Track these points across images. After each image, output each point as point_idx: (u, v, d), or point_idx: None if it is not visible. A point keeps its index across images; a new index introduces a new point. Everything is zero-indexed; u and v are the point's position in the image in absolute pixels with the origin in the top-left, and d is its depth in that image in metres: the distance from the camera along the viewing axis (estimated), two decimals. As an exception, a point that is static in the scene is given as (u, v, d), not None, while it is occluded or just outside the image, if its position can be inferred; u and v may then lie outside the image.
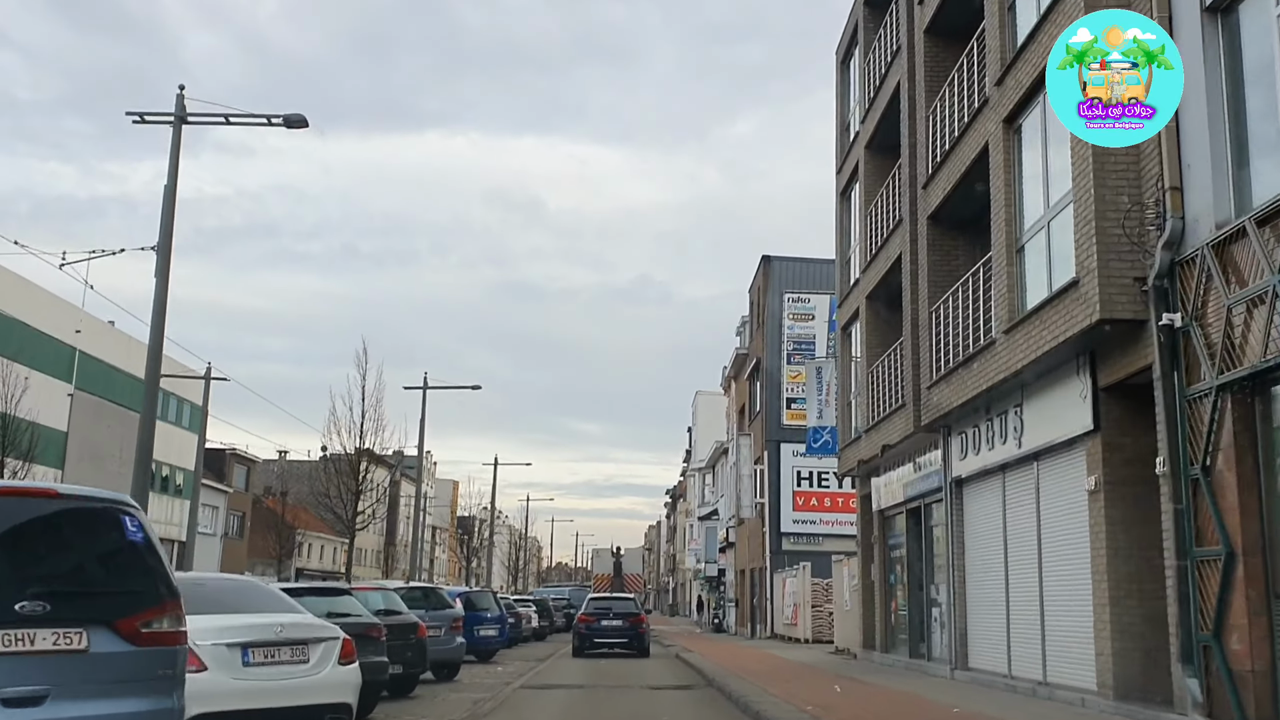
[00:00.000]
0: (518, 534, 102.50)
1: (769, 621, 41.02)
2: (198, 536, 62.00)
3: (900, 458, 22.13)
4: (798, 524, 41.66)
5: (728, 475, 55.40)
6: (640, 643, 28.76)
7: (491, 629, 26.39)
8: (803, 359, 42.42)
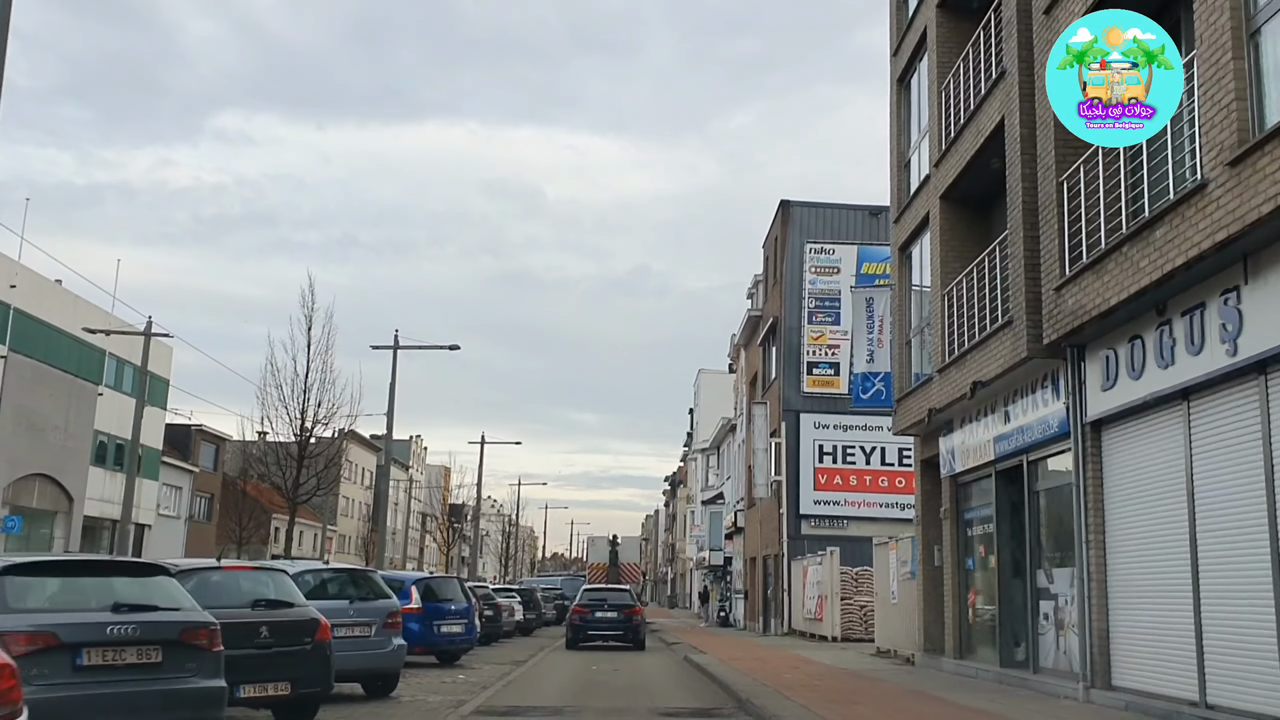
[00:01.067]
0: (510, 522, 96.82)
1: (785, 615, 35.44)
2: (159, 519, 56.65)
3: (985, 405, 16.54)
4: (819, 505, 36.05)
5: (735, 454, 49.84)
6: (635, 635, 27.59)
7: (456, 624, 20.77)
8: (826, 318, 36.83)
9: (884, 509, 35.92)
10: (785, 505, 35.73)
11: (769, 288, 40.38)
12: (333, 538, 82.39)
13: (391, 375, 35.56)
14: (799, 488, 36.00)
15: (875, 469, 36.20)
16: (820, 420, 36.37)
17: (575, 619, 27.78)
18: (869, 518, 35.79)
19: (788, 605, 35.29)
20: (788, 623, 35.20)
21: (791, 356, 36.60)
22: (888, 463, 36.20)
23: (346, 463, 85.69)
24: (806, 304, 36.84)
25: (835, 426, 36.32)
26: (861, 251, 37.12)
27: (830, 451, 36.28)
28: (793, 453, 36.09)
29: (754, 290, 45.15)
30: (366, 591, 14.97)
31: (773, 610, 37.25)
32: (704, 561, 55.89)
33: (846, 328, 36.58)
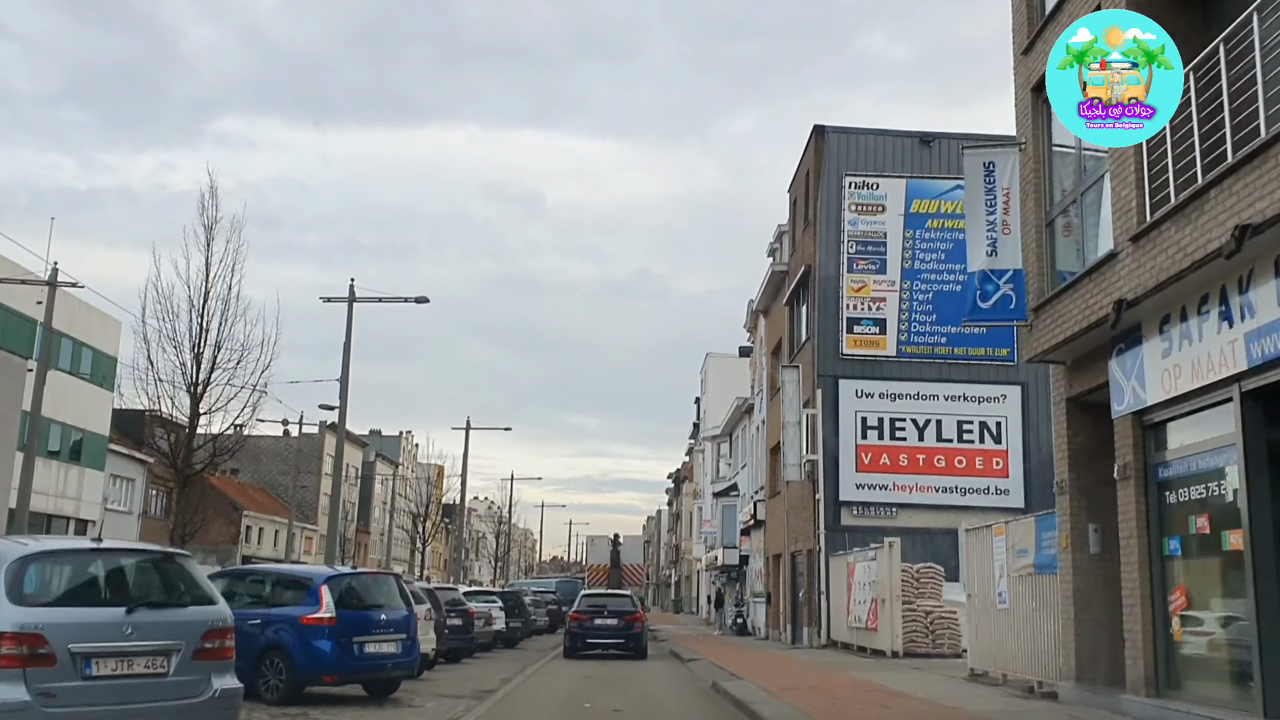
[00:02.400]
0: (502, 519, 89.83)
1: (822, 623, 28.77)
2: (106, 514, 50.01)
3: (1224, 284, 9.93)
4: (862, 490, 29.40)
5: (752, 439, 43.18)
6: (637, 643, 25.70)
7: (388, 640, 14.05)
8: (869, 265, 30.20)
9: (941, 494, 29.31)
10: (822, 490, 29.07)
11: (798, 235, 33.73)
12: (312, 538, 75.65)
13: (346, 334, 28.96)
14: (838, 469, 29.36)
15: (930, 446, 29.57)
16: (863, 388, 29.74)
17: (574, 626, 25.87)
18: (923, 505, 29.19)
19: (825, 611, 28.63)
20: (825, 632, 28.53)
21: (828, 311, 29.98)
22: (944, 438, 29.58)
23: (328, 457, 79.12)
24: (845, 248, 30.21)
25: (881, 395, 29.70)
26: (911, 186, 30.54)
27: (875, 425, 29.64)
28: (830, 427, 29.46)
29: (777, 245, 38.52)
30: (172, 593, 8.27)
31: (805, 617, 30.57)
32: (715, 561, 49.18)
33: (893, 277, 30.10)
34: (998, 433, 29.64)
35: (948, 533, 28.34)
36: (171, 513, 56.20)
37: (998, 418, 29.70)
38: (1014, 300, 13.71)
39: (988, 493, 29.37)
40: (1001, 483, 29.42)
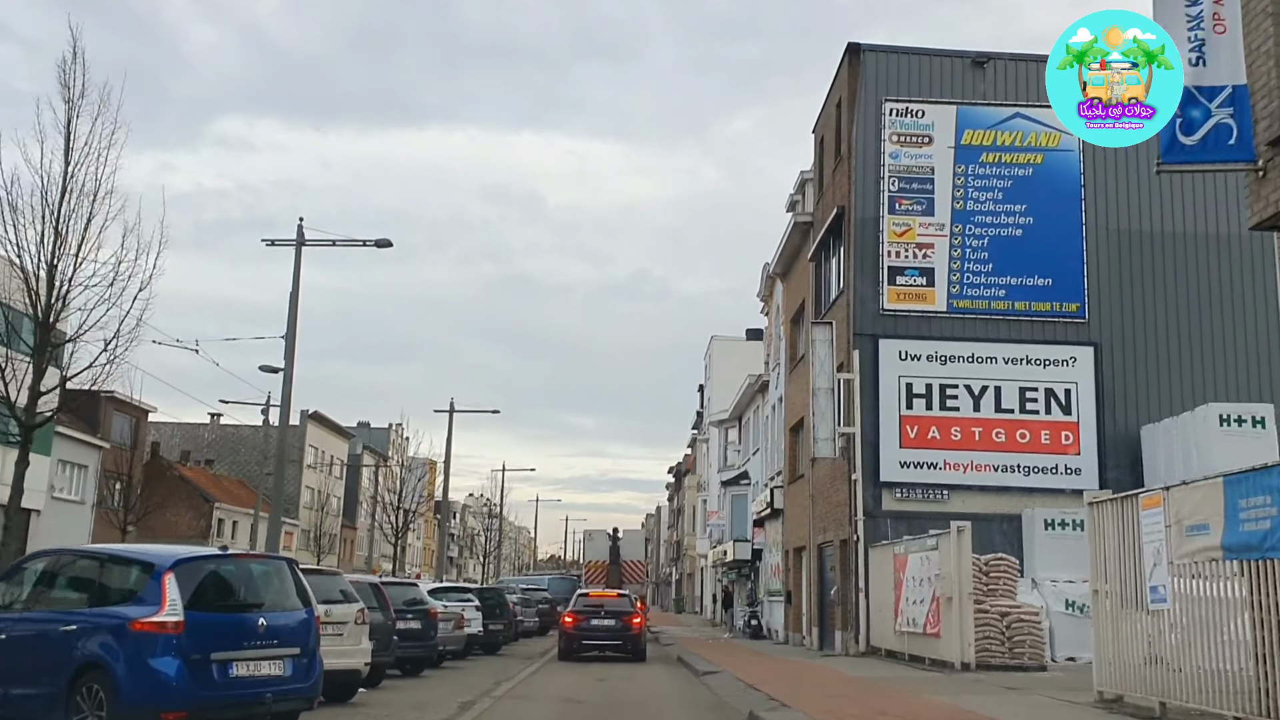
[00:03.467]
0: (493, 511, 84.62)
1: (860, 627, 23.91)
2: (52, 503, 45.07)
3: None
4: (907, 469, 24.52)
5: (766, 421, 38.35)
6: (635, 645, 24.21)
7: (270, 659, 9.15)
8: (914, 205, 25.36)
9: (1000, 474, 24.46)
10: (859, 469, 24.19)
11: (826, 178, 28.81)
12: (293, 533, 70.66)
13: (294, 283, 24.10)
14: (878, 445, 24.49)
15: (987, 417, 24.70)
16: (908, 349, 24.87)
17: (569, 628, 24.21)
18: (979, 486, 24.35)
19: (864, 612, 23.76)
20: (864, 637, 23.67)
21: (865, 260, 25.12)
22: (1004, 408, 24.71)
23: (310, 448, 74.12)
24: (885, 186, 25.35)
25: (929, 357, 24.84)
26: (962, 114, 25.69)
27: (922, 393, 24.77)
28: (869, 395, 24.59)
29: (798, 197, 33.64)
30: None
31: (838, 619, 25.68)
32: (723, 557, 44.26)
33: (942, 219, 25.27)
34: (1067, 401, 24.77)
35: (1008, 519, 23.64)
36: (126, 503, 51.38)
37: (1067, 384, 24.84)
38: (1234, 132, 8.88)
39: (1055, 472, 24.52)
40: (1071, 460, 24.56)
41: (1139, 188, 25.47)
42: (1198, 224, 25.54)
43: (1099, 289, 25.13)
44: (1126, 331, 25.11)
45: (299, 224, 24.04)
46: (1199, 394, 24.43)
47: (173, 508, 60.43)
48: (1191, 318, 25.17)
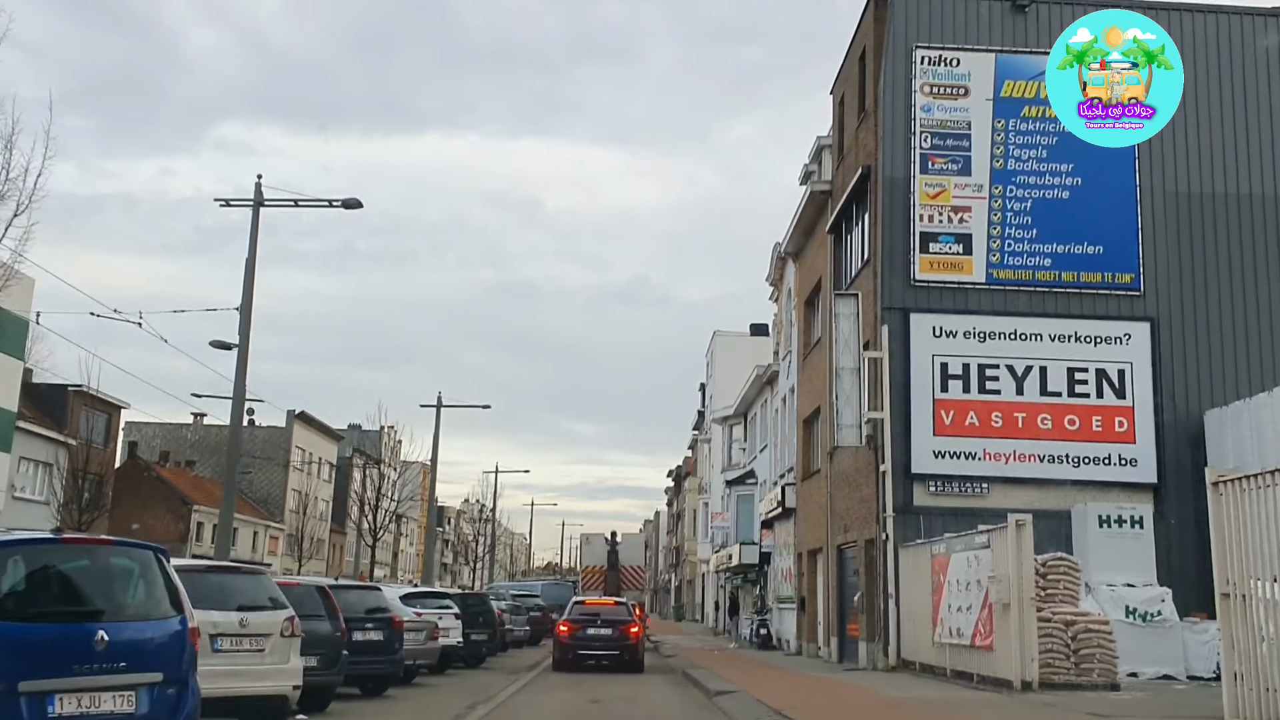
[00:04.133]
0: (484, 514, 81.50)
1: (890, 637, 20.98)
2: (12, 503, 42.05)
3: None
4: (942, 459, 21.61)
5: (776, 415, 35.48)
6: (632, 655, 22.84)
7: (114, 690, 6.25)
8: (949, 164, 22.51)
9: (1047, 465, 21.57)
10: (888, 460, 21.28)
11: (848, 138, 25.90)
12: (278, 537, 67.61)
13: (250, 249, 21.21)
14: (909, 432, 21.60)
15: (1032, 401, 21.81)
16: (943, 324, 21.99)
17: (564, 637, 23.08)
18: (1023, 479, 21.46)
19: (894, 621, 20.83)
20: (894, 649, 20.74)
21: (895, 224, 22.25)
22: (1051, 391, 21.83)
23: (297, 450, 71.04)
24: (917, 143, 22.50)
25: (967, 334, 21.97)
26: (1002, 63, 22.86)
27: (959, 374, 21.89)
28: (899, 376, 21.70)
29: (813, 167, 30.73)
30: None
31: (862, 628, 22.73)
32: (727, 561, 41.28)
33: (980, 180, 22.53)
34: (1120, 384, 21.89)
35: (1055, 516, 20.69)
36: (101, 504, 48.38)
37: (1120, 364, 21.96)
38: None
39: (1108, 463, 21.62)
40: (1126, 449, 21.67)
41: (1201, 145, 22.64)
42: (1265, 185, 22.69)
43: (1155, 258, 22.26)
44: (1187, 305, 22.24)
45: (257, 183, 21.23)
46: (1269, 374, 21.58)
47: (150, 510, 57.44)
48: (1260, 289, 22.29)
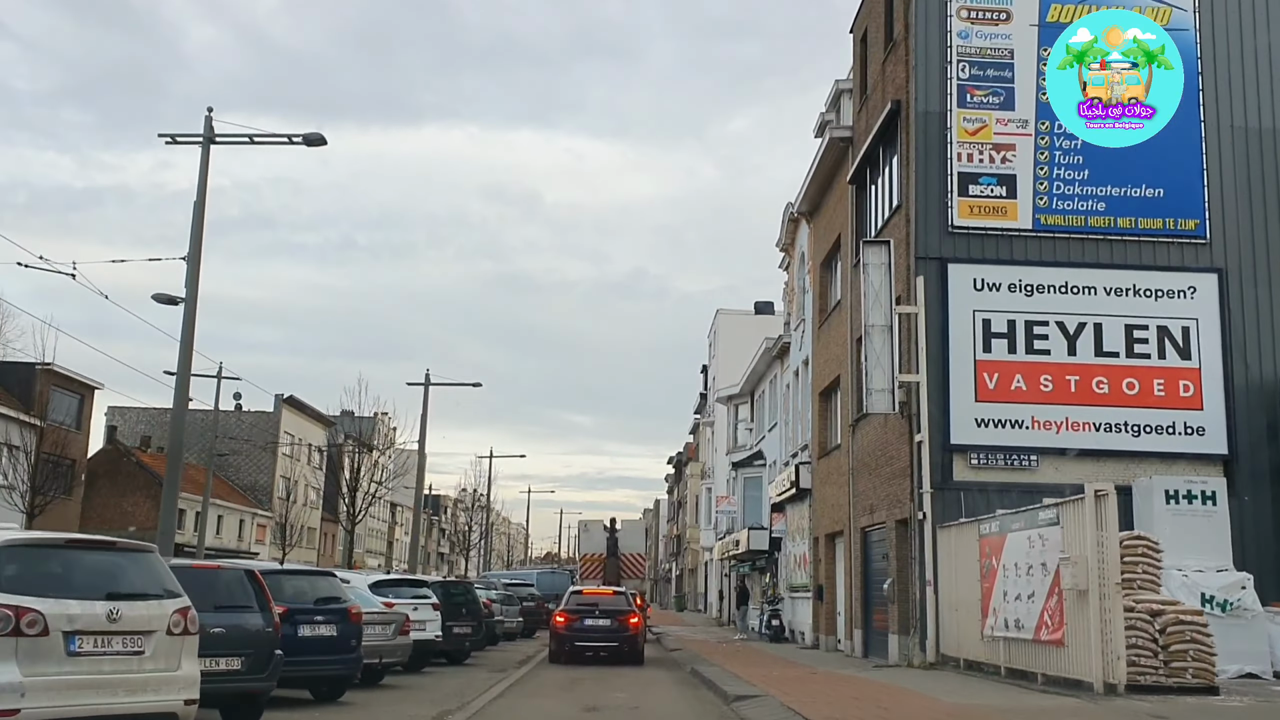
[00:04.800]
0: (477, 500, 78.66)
1: (927, 629, 18.37)
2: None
3: None
4: (985, 428, 18.97)
5: (787, 391, 32.88)
6: (632, 647, 21.73)
7: None
8: (990, 97, 19.78)
9: (1103, 434, 19.00)
10: (924, 429, 18.63)
11: (872, 76, 23.19)
12: (266, 525, 64.99)
13: (200, 186, 18.57)
14: (948, 398, 18.97)
15: (1086, 362, 19.17)
16: (985, 276, 19.34)
17: (560, 628, 22.04)
18: (1078, 450, 18.86)
19: (932, 611, 18.20)
20: (931, 643, 18.13)
21: (930, 165, 19.58)
22: (1107, 351, 19.21)
23: (285, 435, 68.31)
24: (954, 73, 19.80)
25: (1012, 287, 19.33)
26: (1048, -15, 20.16)
27: (1003, 331, 19.24)
28: (936, 334, 19.06)
29: (830, 116, 27.96)
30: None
31: (893, 619, 20.09)
32: (734, 548, 38.64)
33: (1025, 115, 19.86)
34: (1185, 342, 19.27)
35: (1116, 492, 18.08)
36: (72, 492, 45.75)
37: (1184, 320, 19.33)
38: None
39: (1172, 431, 19.01)
40: (1192, 416, 19.05)
41: (1274, 75, 19.96)
42: (1347, 120, 20.03)
43: (1223, 202, 19.60)
44: (1259, 254, 19.59)
45: (207, 117, 18.64)
46: (1353, 332, 19.00)
47: (130, 496, 54.86)
48: (1343, 236, 19.68)
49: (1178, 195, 19.58)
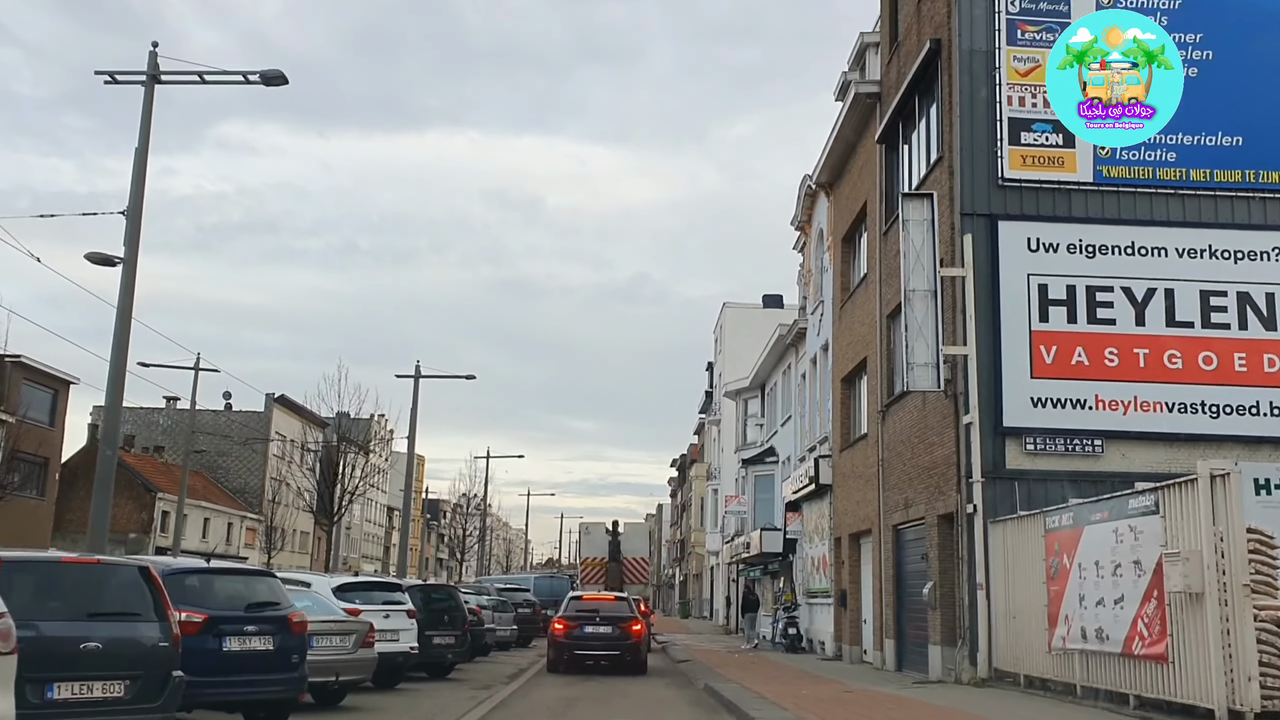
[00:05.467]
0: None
1: (976, 639, 15.82)
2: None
3: None
4: (1042, 409, 16.43)
5: (796, 387, 30.42)
6: (635, 656, 20.31)
7: None
8: (1043, 35, 17.23)
9: (1176, 416, 16.45)
10: (973, 409, 16.12)
11: (904, 19, 20.64)
12: (256, 529, 62.42)
13: (141, 132, 16.06)
14: (999, 374, 16.45)
15: (1156, 333, 16.64)
16: (1041, 235, 16.82)
17: (559, 636, 20.36)
18: (1146, 435, 16.34)
19: (985, 619, 15.66)
20: (984, 656, 15.59)
21: (974, 111, 17.02)
22: (1180, 320, 16.68)
23: (277, 436, 65.74)
24: (1003, 6, 17.30)
25: (1072, 247, 16.79)
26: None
27: (1062, 298, 16.71)
28: (986, 301, 16.53)
29: (852, 74, 25.46)
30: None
31: (935, 628, 17.51)
32: (745, 550, 36.02)
33: (1083, 55, 17.07)
34: (1270, 311, 16.76)
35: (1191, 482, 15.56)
36: (47, 492, 43.33)
37: (1269, 285, 16.82)
38: None
39: (1256, 412, 16.49)
40: (1278, 395, 16.56)
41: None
42: None
43: (1312, 151, 17.11)
44: (1351, 210, 17.09)
45: (151, 53, 16.15)
46: None
47: (112, 497, 52.28)
48: None
49: (1260, 143, 17.06)
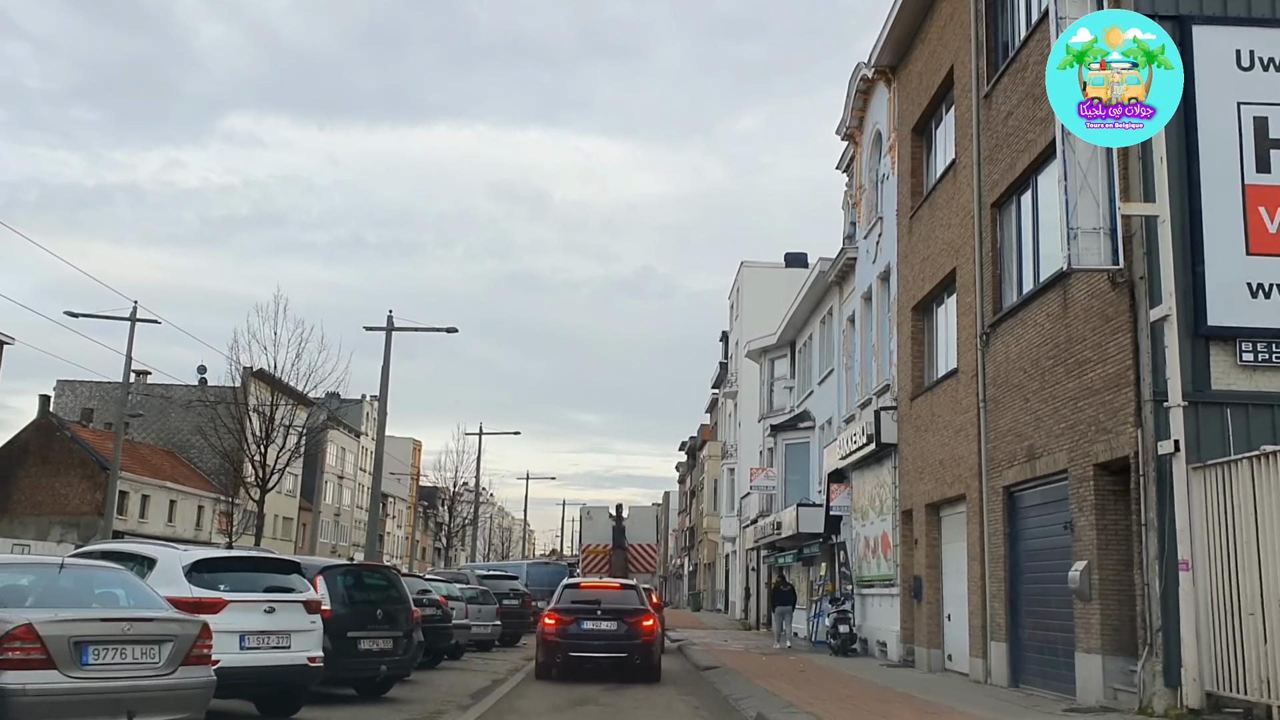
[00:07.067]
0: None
1: (1165, 646, 10.26)
2: None
3: None
4: (1264, 297, 10.88)
5: (835, 338, 24.85)
6: (646, 658, 16.09)
7: None
8: None
9: None
10: (1164, 300, 10.55)
11: None
12: (233, 512, 56.90)
13: None
14: (1198, 248, 10.90)
15: None
16: (1254, 45, 11.18)
17: (550, 633, 16.11)
18: None
19: (1191, 614, 10.10)
20: (1190, 674, 10.04)
21: None
22: None
23: (254, 414, 60.16)
24: None
25: (1306, 61, 11.20)
26: None
27: (1290, 138, 11.15)
28: (1176, 144, 10.92)
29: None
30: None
31: (1093, 629, 11.94)
32: (774, 531, 30.34)
33: None
34: None
35: None
36: None
37: None
38: None
39: None
40: None
41: None
42: None
43: None
44: None
45: None
46: None
47: (63, 477, 46.83)
48: None
49: None
